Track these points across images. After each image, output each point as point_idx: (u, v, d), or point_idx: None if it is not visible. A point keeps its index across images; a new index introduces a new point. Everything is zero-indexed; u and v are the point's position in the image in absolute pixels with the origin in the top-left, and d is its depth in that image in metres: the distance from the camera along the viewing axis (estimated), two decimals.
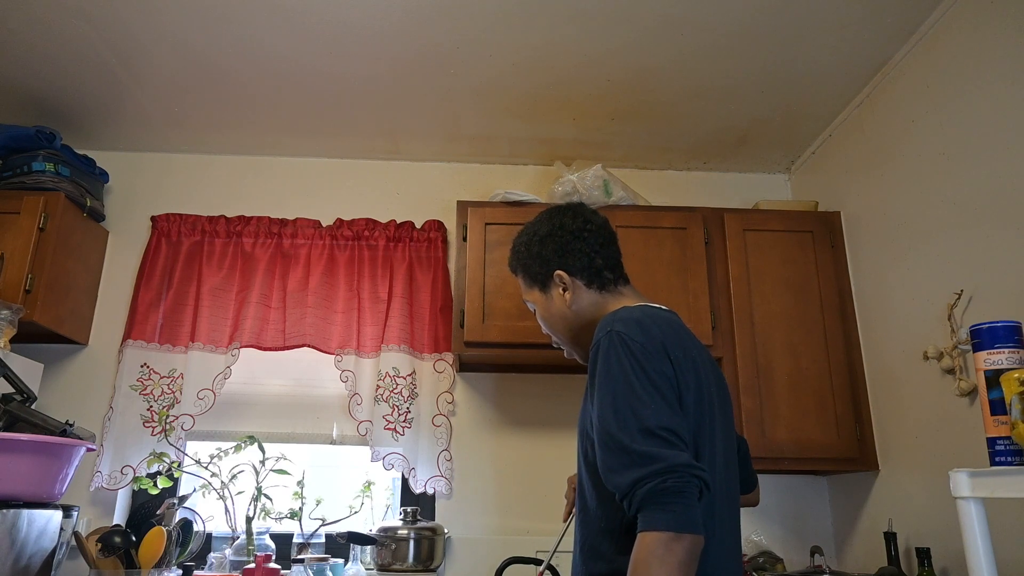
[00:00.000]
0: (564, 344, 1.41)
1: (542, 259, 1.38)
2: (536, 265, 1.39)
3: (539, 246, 1.39)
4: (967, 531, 1.17)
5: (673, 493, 1.01)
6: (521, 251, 1.43)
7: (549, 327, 1.40)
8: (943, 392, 1.94)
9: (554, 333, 1.40)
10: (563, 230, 1.37)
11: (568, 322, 1.35)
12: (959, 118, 1.91)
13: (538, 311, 1.41)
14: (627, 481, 1.05)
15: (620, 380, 1.11)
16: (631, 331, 1.15)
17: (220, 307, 2.52)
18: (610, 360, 1.14)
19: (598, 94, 2.40)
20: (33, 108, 2.50)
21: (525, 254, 1.42)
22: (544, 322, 1.40)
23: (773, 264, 2.39)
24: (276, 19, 2.04)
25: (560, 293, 1.35)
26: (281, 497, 2.34)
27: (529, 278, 1.41)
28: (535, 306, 1.42)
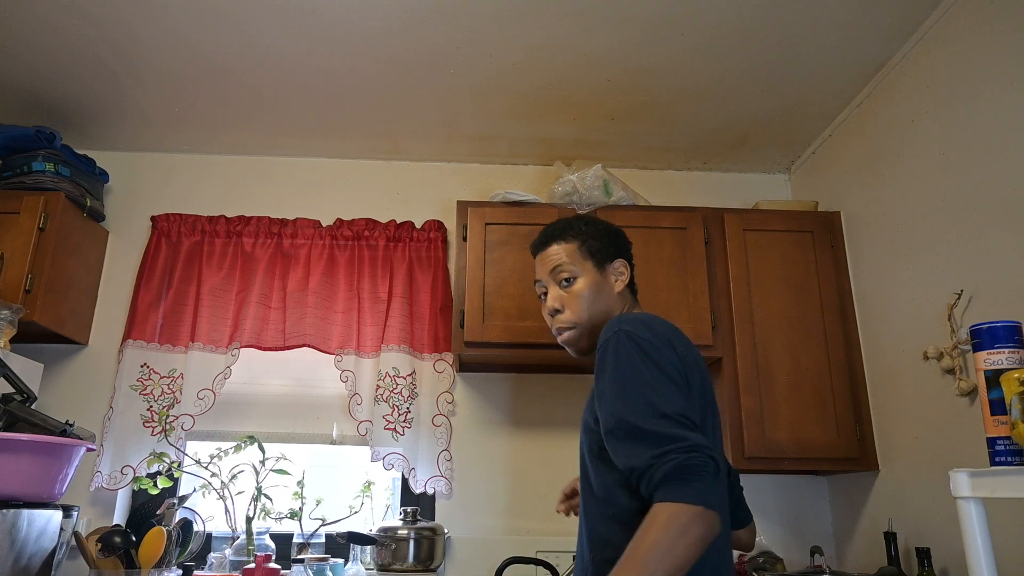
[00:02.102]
0: (576, 327, 1.38)
1: (611, 242, 1.44)
2: (603, 244, 1.43)
3: (609, 233, 1.45)
4: (967, 531, 1.17)
5: (697, 470, 1.02)
6: (589, 226, 1.44)
7: (581, 304, 1.37)
8: (943, 392, 1.94)
9: (580, 311, 1.37)
10: (623, 235, 1.50)
11: (599, 307, 1.38)
12: (959, 118, 1.91)
13: (581, 283, 1.39)
14: (645, 460, 1.05)
15: (629, 371, 1.14)
16: (637, 328, 1.19)
17: (220, 307, 2.52)
18: (619, 355, 1.16)
19: (598, 94, 2.40)
20: (33, 108, 2.50)
21: (594, 231, 1.44)
22: (580, 297, 1.38)
23: (773, 264, 2.39)
24: (276, 19, 2.04)
25: (614, 280, 1.42)
26: (281, 497, 2.34)
27: (587, 250, 1.41)
28: (579, 277, 1.39)
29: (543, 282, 1.45)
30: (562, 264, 1.41)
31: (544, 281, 1.44)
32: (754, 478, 2.53)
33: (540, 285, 1.46)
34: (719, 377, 2.32)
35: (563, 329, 1.39)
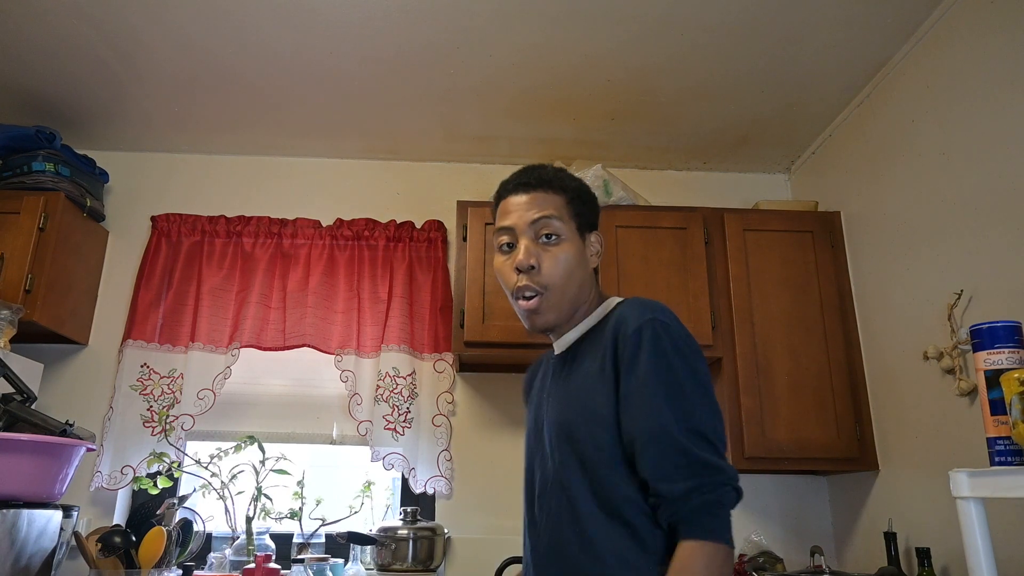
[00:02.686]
0: (549, 294, 1.14)
1: (594, 208, 1.23)
2: (588, 208, 1.21)
3: (593, 198, 1.24)
4: (967, 531, 1.17)
5: (726, 505, 0.98)
6: (575, 182, 1.23)
7: (562, 269, 1.14)
8: (943, 392, 1.94)
9: (560, 277, 1.14)
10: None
11: (577, 281, 1.16)
12: (959, 118, 1.91)
13: (567, 246, 1.16)
14: (681, 487, 0.97)
15: (671, 375, 1.03)
16: (673, 324, 1.07)
17: (220, 307, 2.52)
18: (659, 351, 1.03)
19: (598, 94, 2.40)
20: (33, 108, 2.50)
21: (581, 189, 1.22)
22: (562, 260, 1.15)
23: (773, 264, 2.39)
24: (276, 20, 2.04)
25: (591, 253, 1.21)
26: (281, 497, 2.34)
27: (574, 210, 1.19)
28: (564, 238, 1.16)
29: (514, 230, 1.16)
30: (550, 216, 1.15)
31: (516, 230, 1.16)
32: (754, 478, 2.53)
33: (506, 234, 1.17)
34: (719, 377, 2.32)
35: (534, 292, 1.13)
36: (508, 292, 1.17)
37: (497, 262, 1.18)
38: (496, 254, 1.19)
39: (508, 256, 1.17)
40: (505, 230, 1.17)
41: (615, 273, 2.33)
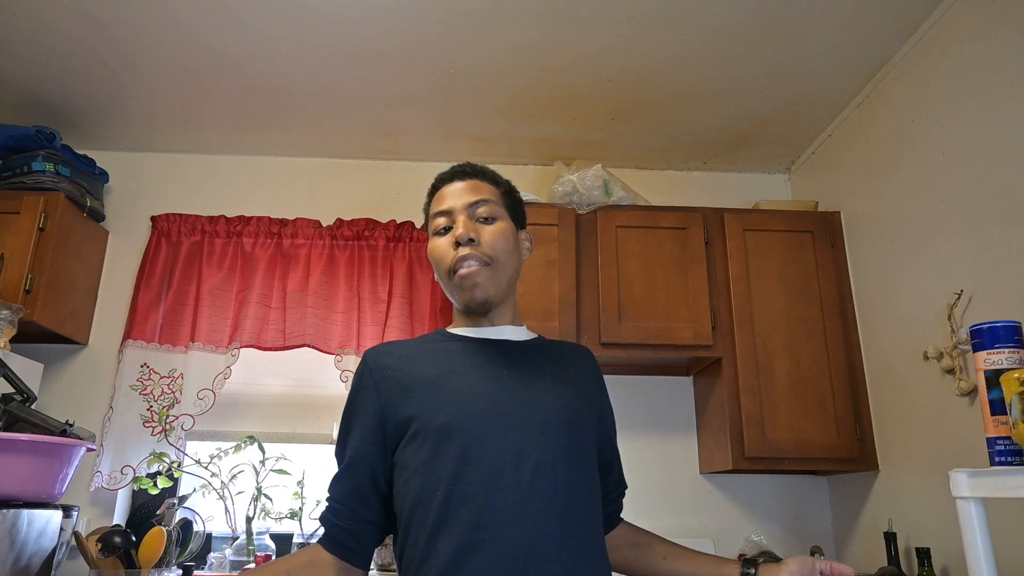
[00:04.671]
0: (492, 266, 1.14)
1: (523, 211, 1.27)
2: (520, 207, 1.26)
3: (521, 201, 1.28)
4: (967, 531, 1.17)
5: None
6: (510, 185, 1.26)
7: (501, 243, 1.15)
8: (943, 392, 1.94)
9: (500, 250, 1.15)
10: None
11: (513, 264, 1.19)
12: (959, 118, 1.91)
13: (503, 225, 1.17)
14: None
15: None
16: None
17: (220, 307, 2.52)
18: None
19: (598, 94, 2.40)
20: (33, 108, 2.50)
21: (515, 191, 1.26)
22: (502, 235, 1.16)
23: (773, 264, 2.39)
24: (276, 19, 2.04)
25: (523, 248, 1.25)
26: (281, 497, 2.34)
27: (508, 202, 1.23)
28: (499, 219, 1.18)
29: (451, 212, 1.16)
30: (486, 200, 1.17)
31: (453, 211, 1.16)
32: (754, 478, 2.53)
33: (444, 217, 1.16)
34: (719, 377, 2.32)
35: (476, 261, 1.12)
36: (443, 271, 1.15)
37: (432, 244, 1.17)
38: (432, 238, 1.18)
39: (444, 237, 1.16)
40: (442, 213, 1.17)
41: (615, 273, 2.33)
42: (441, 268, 1.15)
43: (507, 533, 0.97)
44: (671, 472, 2.52)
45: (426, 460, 1.03)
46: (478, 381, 1.10)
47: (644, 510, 2.46)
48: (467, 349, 1.15)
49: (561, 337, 2.25)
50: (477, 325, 1.19)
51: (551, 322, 2.27)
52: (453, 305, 1.22)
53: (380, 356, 1.15)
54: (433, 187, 1.23)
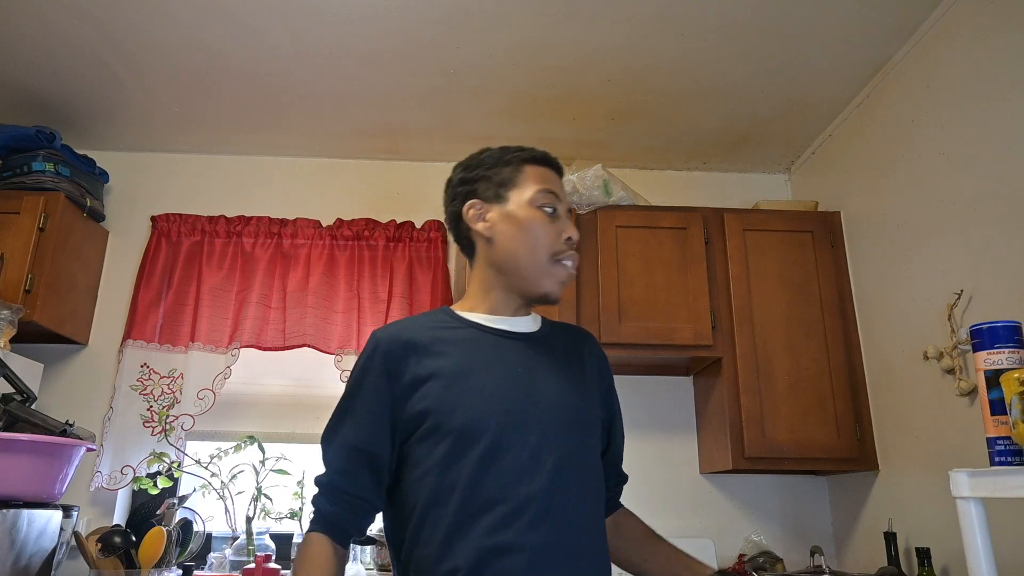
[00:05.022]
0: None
1: None
2: None
3: None
4: (967, 531, 1.17)
5: None
6: None
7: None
8: (943, 392, 1.94)
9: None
10: None
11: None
12: (959, 118, 1.91)
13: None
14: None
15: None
16: None
17: (220, 307, 2.52)
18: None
19: (598, 94, 2.40)
20: (33, 108, 2.50)
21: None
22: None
23: (773, 264, 2.39)
24: (276, 19, 2.04)
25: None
26: (281, 497, 2.34)
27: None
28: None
29: (559, 202, 1.16)
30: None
31: (561, 203, 1.17)
32: (754, 478, 2.53)
33: (552, 197, 1.15)
34: (719, 377, 2.32)
35: (575, 266, 1.16)
36: (544, 252, 1.12)
37: (538, 219, 1.13)
38: (535, 211, 1.13)
39: (552, 220, 1.14)
40: (552, 194, 1.15)
41: (615, 273, 2.33)
42: (542, 248, 1.12)
43: (526, 539, 0.97)
44: (671, 472, 2.52)
45: (442, 460, 1.02)
46: (497, 379, 1.07)
47: (644, 510, 2.44)
48: (485, 340, 1.12)
49: None
50: (497, 313, 1.16)
51: None
52: (478, 282, 1.17)
53: (393, 343, 1.10)
54: (528, 158, 1.18)
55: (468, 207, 1.16)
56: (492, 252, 1.15)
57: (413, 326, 1.13)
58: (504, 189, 1.15)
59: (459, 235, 1.20)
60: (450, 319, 1.15)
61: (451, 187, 1.21)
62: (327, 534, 1.05)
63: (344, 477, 1.07)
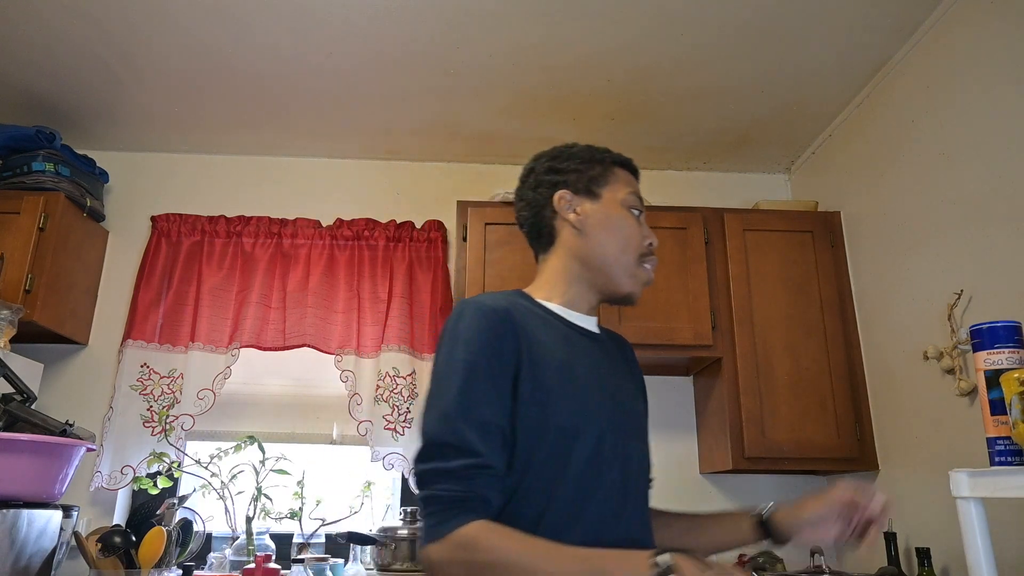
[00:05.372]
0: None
1: None
2: None
3: None
4: (967, 531, 1.17)
5: None
6: None
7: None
8: (943, 392, 1.94)
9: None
10: None
11: None
12: (959, 118, 1.91)
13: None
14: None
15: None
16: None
17: (220, 307, 2.52)
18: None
19: (598, 94, 2.40)
20: (33, 108, 2.50)
21: None
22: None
23: (773, 264, 2.39)
24: (276, 20, 2.04)
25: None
26: (281, 497, 2.34)
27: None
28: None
29: (642, 206, 1.19)
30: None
31: (643, 208, 1.20)
32: (754, 478, 2.53)
33: (638, 201, 1.18)
34: (719, 377, 2.32)
35: (653, 270, 1.18)
36: (633, 252, 1.13)
37: (628, 220, 1.15)
38: (625, 211, 1.15)
39: (638, 223, 1.16)
40: (639, 197, 1.19)
41: None
42: (631, 248, 1.13)
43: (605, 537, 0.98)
44: (671, 472, 2.52)
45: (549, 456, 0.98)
46: (594, 379, 1.06)
47: None
48: (573, 335, 1.10)
49: None
50: (574, 308, 1.14)
51: None
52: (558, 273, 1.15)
53: (515, 313, 1.03)
54: (619, 161, 1.21)
55: (559, 196, 1.15)
56: (581, 245, 1.13)
57: (511, 303, 1.05)
58: (596, 186, 1.16)
59: (538, 223, 1.18)
60: (534, 306, 1.11)
61: (534, 175, 1.20)
62: (489, 516, 0.91)
63: (492, 454, 0.92)
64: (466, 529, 0.87)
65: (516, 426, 0.96)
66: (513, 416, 0.96)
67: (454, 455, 0.91)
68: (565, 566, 0.85)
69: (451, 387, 0.95)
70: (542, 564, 0.85)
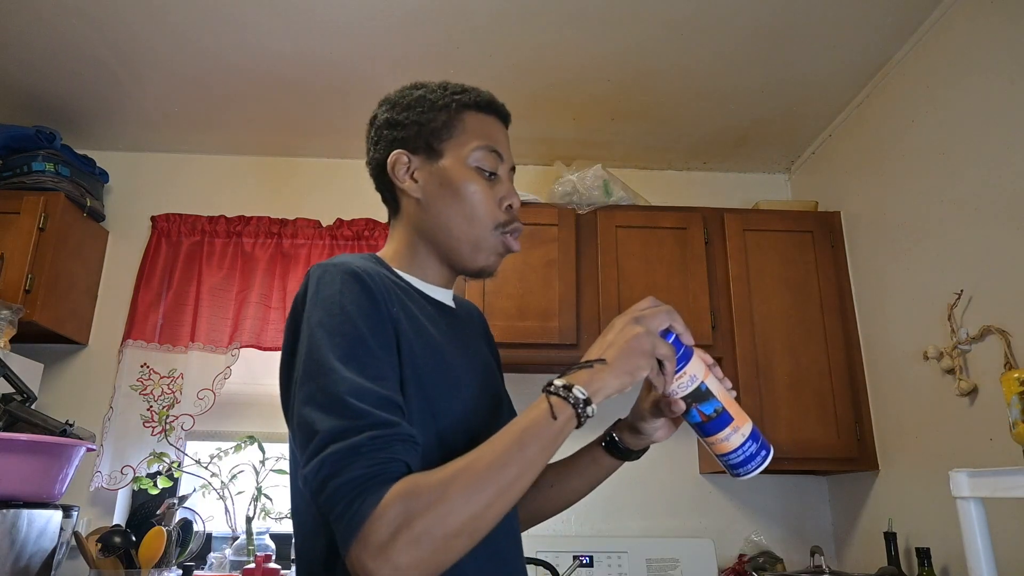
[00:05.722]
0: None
1: None
2: None
3: None
4: (967, 531, 1.17)
5: None
6: None
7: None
8: (943, 392, 1.94)
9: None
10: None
11: None
12: (959, 118, 1.91)
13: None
14: None
15: None
16: None
17: (220, 307, 2.52)
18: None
19: (598, 94, 2.40)
20: (33, 108, 2.50)
21: None
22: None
23: (773, 264, 2.39)
24: (276, 20, 2.04)
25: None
26: (281, 497, 2.34)
27: None
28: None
29: (502, 164, 1.01)
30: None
31: (503, 165, 1.01)
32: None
33: (495, 158, 1.00)
34: None
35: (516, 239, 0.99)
36: (486, 221, 0.95)
37: (475, 184, 0.95)
38: (473, 172, 0.96)
39: (492, 184, 0.97)
40: (495, 153, 0.99)
41: (615, 273, 2.33)
42: (481, 218, 0.95)
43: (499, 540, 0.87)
44: (671, 472, 2.52)
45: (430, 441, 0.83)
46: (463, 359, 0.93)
47: (644, 510, 2.46)
48: (441, 315, 0.96)
49: (561, 338, 2.26)
50: (429, 281, 0.99)
51: (551, 322, 2.27)
52: (406, 243, 1.00)
53: (381, 280, 0.86)
54: (472, 103, 1.02)
55: (394, 159, 0.99)
56: (422, 218, 0.97)
57: (374, 271, 0.87)
58: (438, 141, 0.97)
59: (380, 188, 1.04)
60: (394, 276, 0.95)
61: (374, 128, 1.04)
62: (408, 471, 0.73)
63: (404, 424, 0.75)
64: (383, 508, 0.67)
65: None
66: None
67: (355, 433, 0.71)
68: (494, 455, 0.72)
69: (332, 368, 0.75)
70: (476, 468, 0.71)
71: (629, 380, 0.78)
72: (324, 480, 0.69)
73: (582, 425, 0.77)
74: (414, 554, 0.66)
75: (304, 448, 0.73)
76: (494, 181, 0.97)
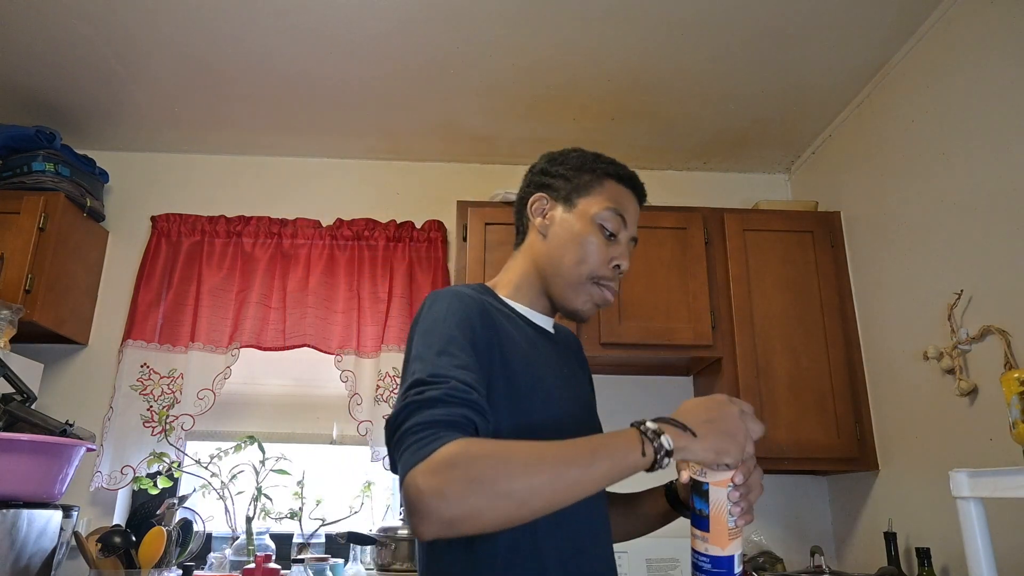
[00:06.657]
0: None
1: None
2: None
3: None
4: (967, 531, 1.17)
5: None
6: None
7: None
8: (943, 392, 1.94)
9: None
10: None
11: None
12: (959, 118, 1.91)
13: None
14: None
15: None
16: None
17: (220, 307, 2.52)
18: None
19: (599, 95, 2.40)
20: (33, 108, 2.50)
21: None
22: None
23: (773, 264, 2.39)
24: (276, 20, 2.04)
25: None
26: (281, 497, 2.34)
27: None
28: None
29: (625, 230, 1.12)
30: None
31: (625, 231, 1.12)
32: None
33: (619, 223, 1.11)
34: (719, 377, 2.32)
35: (612, 295, 1.12)
36: (586, 270, 1.08)
37: (594, 237, 1.09)
38: (593, 226, 1.09)
39: (609, 243, 1.10)
40: (620, 217, 1.11)
41: None
42: (586, 266, 1.08)
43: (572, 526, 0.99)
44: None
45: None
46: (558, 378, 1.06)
47: None
48: (534, 334, 1.09)
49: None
50: (535, 308, 1.13)
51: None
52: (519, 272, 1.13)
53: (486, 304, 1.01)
54: (615, 174, 1.15)
55: (535, 199, 1.15)
56: (541, 251, 1.11)
57: (477, 296, 1.02)
58: (577, 195, 1.12)
59: (517, 220, 1.20)
60: (499, 303, 1.09)
61: (531, 172, 1.20)
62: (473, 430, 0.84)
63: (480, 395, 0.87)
64: (452, 445, 0.77)
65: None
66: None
67: (436, 387, 0.84)
68: (564, 450, 0.80)
69: (425, 357, 0.89)
70: (544, 453, 0.79)
71: (712, 459, 0.94)
72: (403, 420, 0.82)
73: (652, 471, 0.86)
74: (462, 493, 0.74)
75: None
76: (612, 241, 1.11)
